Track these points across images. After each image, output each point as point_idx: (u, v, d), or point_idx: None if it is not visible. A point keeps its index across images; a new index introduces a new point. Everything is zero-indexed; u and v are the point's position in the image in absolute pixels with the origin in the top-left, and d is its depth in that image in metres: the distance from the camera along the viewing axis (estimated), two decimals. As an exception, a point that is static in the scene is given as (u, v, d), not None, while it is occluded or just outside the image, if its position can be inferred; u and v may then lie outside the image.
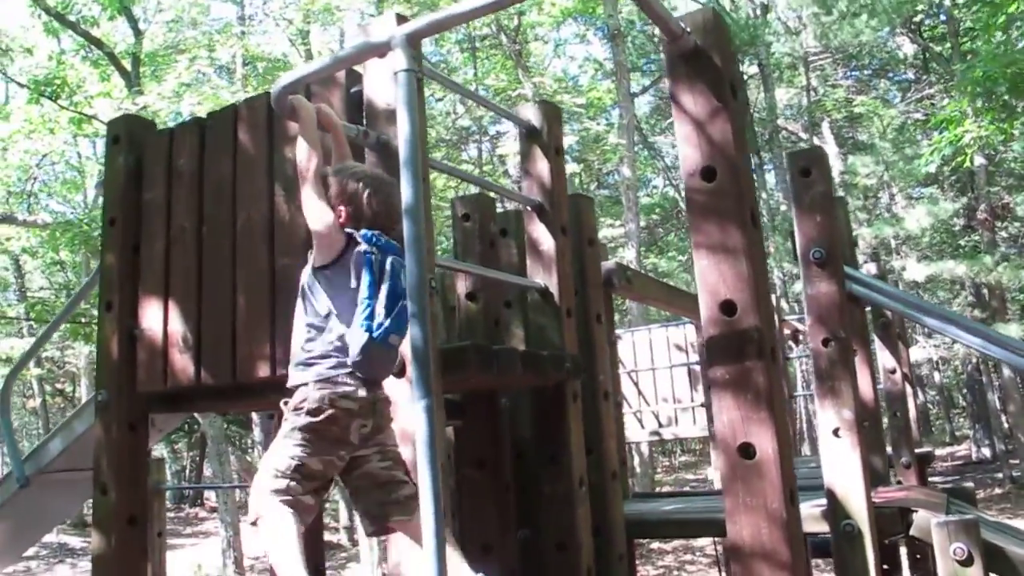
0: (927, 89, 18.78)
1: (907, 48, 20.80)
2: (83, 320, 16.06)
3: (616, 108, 17.93)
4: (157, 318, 3.50)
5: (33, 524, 5.03)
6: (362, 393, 2.45)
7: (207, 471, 27.89)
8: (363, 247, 2.42)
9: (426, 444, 2.00)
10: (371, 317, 2.37)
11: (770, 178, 22.45)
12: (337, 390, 2.43)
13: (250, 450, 23.19)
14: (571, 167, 16.50)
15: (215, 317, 3.33)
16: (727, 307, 2.32)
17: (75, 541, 16.56)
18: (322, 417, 2.42)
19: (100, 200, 18.07)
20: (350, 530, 14.47)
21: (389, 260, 2.42)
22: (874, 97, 21.59)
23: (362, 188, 2.57)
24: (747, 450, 2.24)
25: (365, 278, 2.42)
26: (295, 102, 2.61)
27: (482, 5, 2.14)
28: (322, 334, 2.47)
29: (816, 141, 21.01)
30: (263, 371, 3.15)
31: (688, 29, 2.38)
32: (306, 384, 2.46)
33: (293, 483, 2.38)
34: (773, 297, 9.95)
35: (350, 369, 2.44)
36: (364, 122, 3.13)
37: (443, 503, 2.05)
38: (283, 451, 2.42)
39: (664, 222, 24.49)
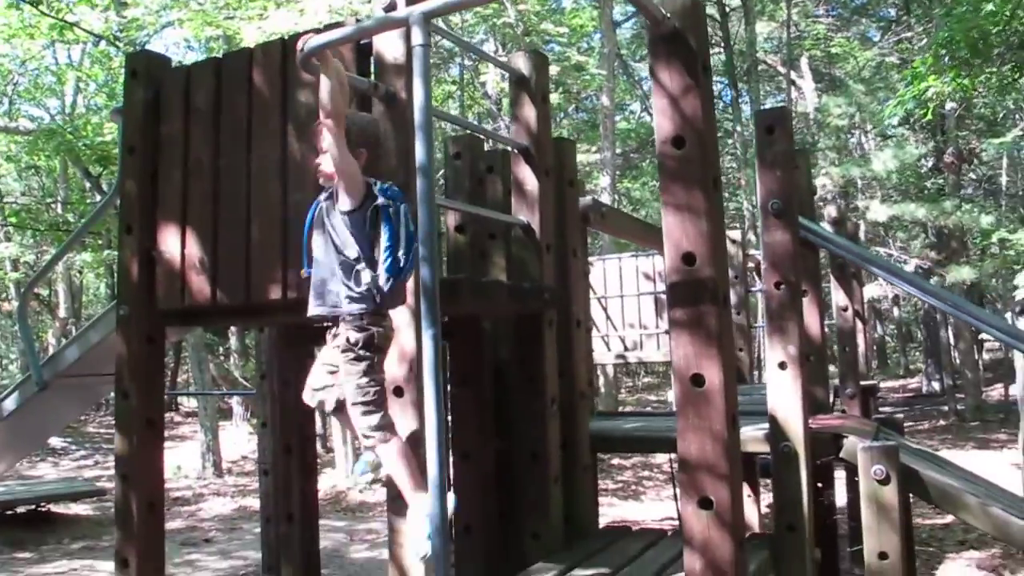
0: (906, 32, 19.00)
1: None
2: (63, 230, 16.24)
3: (598, 34, 18.08)
4: (175, 242, 3.83)
5: (47, 424, 5.44)
6: (390, 325, 2.95)
7: (180, 376, 28.36)
8: (381, 200, 2.80)
9: (431, 365, 2.41)
10: (395, 264, 2.80)
11: (747, 109, 22.73)
12: (383, 324, 2.89)
13: (223, 358, 23.64)
14: (551, 96, 16.74)
15: (230, 243, 3.66)
16: (688, 258, 2.72)
17: (56, 441, 17.02)
18: (375, 345, 2.87)
19: (82, 109, 18.01)
20: (323, 438, 14.99)
21: (402, 209, 2.80)
22: (854, 34, 21.79)
23: (374, 135, 2.97)
24: (698, 380, 2.66)
25: (386, 229, 2.81)
26: (324, 59, 2.91)
27: (491, -7, 2.47)
28: (357, 275, 2.82)
29: (794, 76, 21.26)
30: (275, 293, 3.51)
31: (668, 15, 2.73)
32: (357, 318, 2.86)
33: (384, 408, 2.88)
34: (742, 230, 10.39)
35: (381, 307, 2.87)
36: (372, 71, 3.47)
37: (442, 414, 2.47)
38: (363, 384, 2.85)
39: (640, 149, 24.77)
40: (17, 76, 17.17)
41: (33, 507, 10.14)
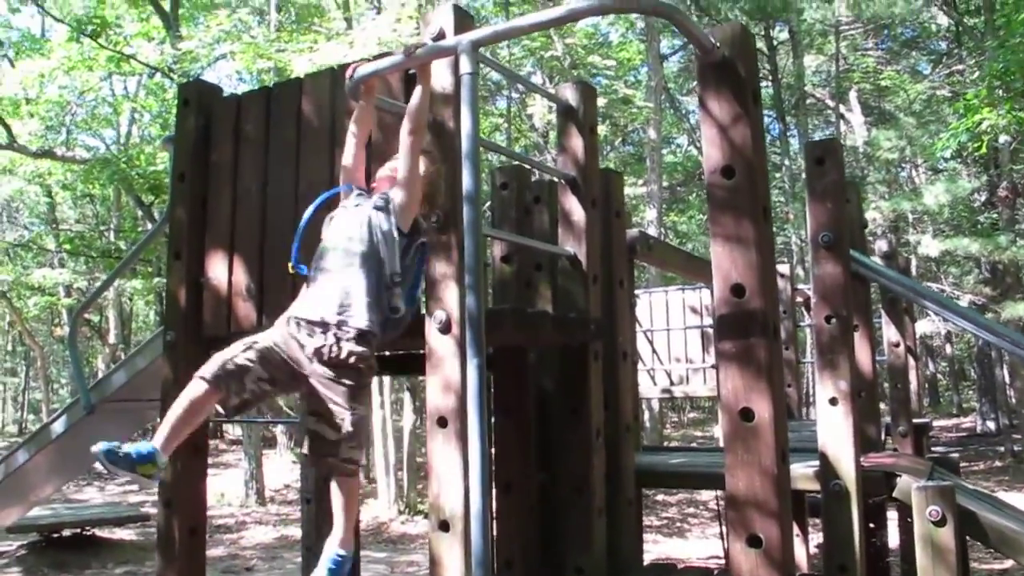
0: (958, 64, 18.75)
1: (941, 20, 20.68)
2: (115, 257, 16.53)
3: (645, 67, 18.10)
4: (223, 268, 3.86)
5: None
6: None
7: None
8: (425, 239, 2.79)
9: (476, 395, 2.38)
10: (414, 301, 2.78)
11: (795, 143, 22.55)
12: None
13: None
14: (598, 128, 16.74)
15: (277, 270, 3.67)
16: (737, 290, 2.67)
17: (102, 466, 17.20)
18: (373, 370, 2.78)
19: (136, 139, 18.42)
20: (365, 468, 15.00)
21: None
22: (904, 67, 21.56)
23: (438, 179, 2.94)
24: (747, 414, 2.60)
25: (417, 265, 2.80)
26: (371, 90, 2.92)
27: (541, 21, 2.48)
28: (390, 297, 2.77)
29: (843, 109, 21.09)
30: (319, 321, 3.52)
31: (718, 43, 2.70)
32: (370, 337, 2.72)
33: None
34: (790, 265, 10.24)
35: (384, 337, 2.79)
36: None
37: (486, 445, 2.43)
38: (362, 415, 2.71)
39: (686, 182, 24.67)
40: (75, 107, 17.63)
41: (78, 531, 10.24)
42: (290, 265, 2.91)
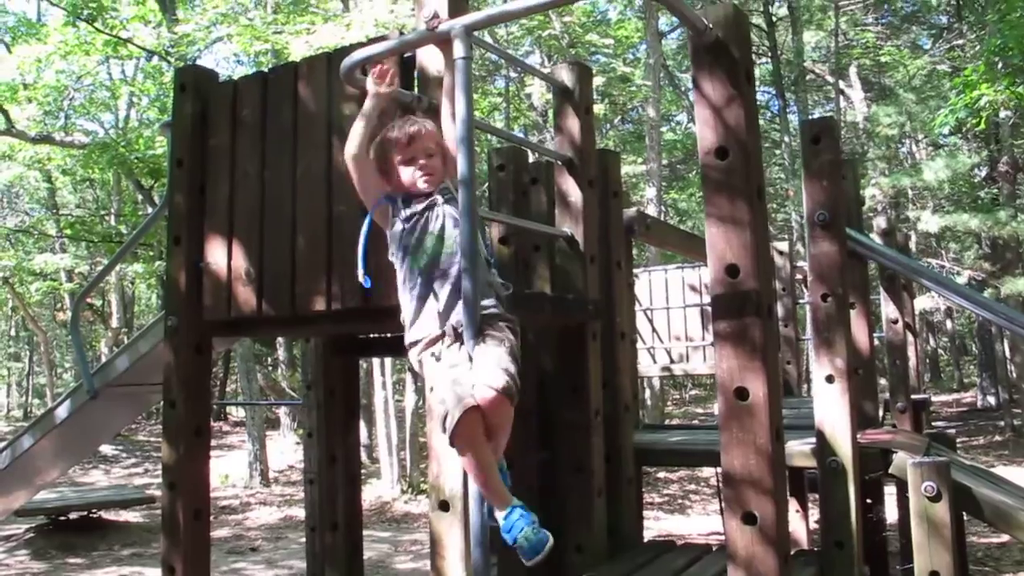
0: (958, 39, 18.66)
1: (941, -7, 20.59)
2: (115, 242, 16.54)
3: (644, 45, 18.04)
4: (222, 253, 3.88)
5: (97, 431, 5.54)
6: None
7: (229, 386, 28.73)
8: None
9: (473, 378, 2.40)
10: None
11: (794, 119, 22.47)
12: None
13: (271, 369, 23.92)
14: (596, 107, 16.66)
15: (276, 254, 3.69)
16: (731, 270, 2.69)
17: (108, 449, 17.34)
18: None
19: (135, 123, 18.39)
20: (369, 448, 15.07)
21: None
22: (904, 42, 21.48)
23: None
24: (742, 393, 2.63)
25: None
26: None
27: (534, 5, 2.48)
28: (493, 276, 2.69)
29: (842, 85, 21.02)
30: (319, 305, 3.53)
31: (711, 25, 2.71)
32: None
33: None
34: (790, 242, 10.25)
35: None
36: (416, 84, 3.49)
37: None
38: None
39: (686, 160, 24.63)
40: (73, 91, 17.60)
41: (85, 513, 10.33)
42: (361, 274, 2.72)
